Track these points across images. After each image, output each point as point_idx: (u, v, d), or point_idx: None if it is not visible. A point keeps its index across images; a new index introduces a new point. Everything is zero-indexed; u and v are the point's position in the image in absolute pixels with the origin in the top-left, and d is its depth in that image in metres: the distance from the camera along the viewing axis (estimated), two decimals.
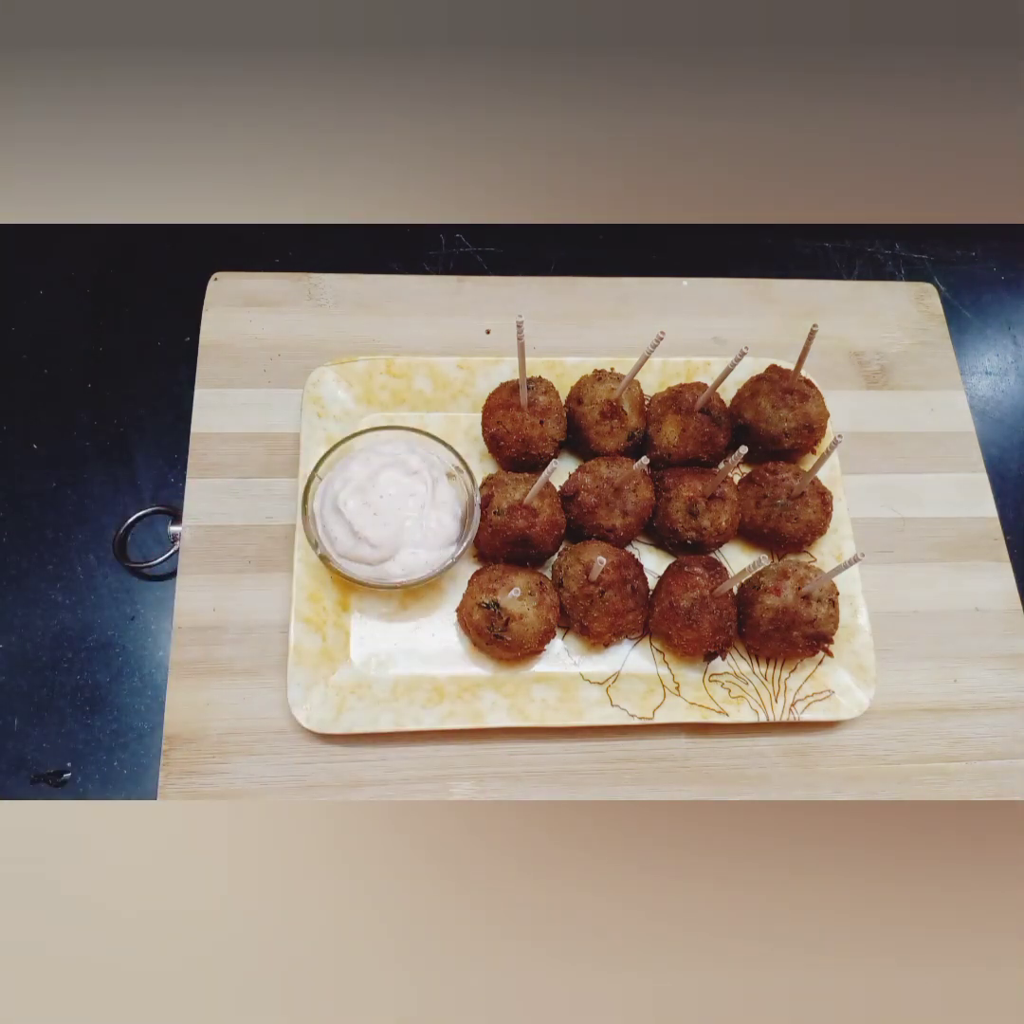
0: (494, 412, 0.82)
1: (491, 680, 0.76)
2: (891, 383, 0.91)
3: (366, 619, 0.78)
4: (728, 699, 0.77)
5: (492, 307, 0.91)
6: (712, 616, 0.74)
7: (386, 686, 0.75)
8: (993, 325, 1.00)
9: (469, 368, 0.87)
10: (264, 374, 0.86)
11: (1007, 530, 0.85)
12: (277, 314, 0.88)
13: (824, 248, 1.02)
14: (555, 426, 0.83)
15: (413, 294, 0.91)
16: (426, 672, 0.76)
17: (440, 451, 0.81)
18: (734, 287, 0.94)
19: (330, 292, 0.89)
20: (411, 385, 0.86)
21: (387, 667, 0.76)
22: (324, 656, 0.74)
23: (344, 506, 0.74)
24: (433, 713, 0.73)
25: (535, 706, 0.74)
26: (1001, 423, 0.95)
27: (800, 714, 0.76)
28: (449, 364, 0.87)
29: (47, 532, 0.81)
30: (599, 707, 0.75)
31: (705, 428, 0.82)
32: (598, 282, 0.93)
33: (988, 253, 1.04)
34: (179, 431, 0.82)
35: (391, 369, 0.86)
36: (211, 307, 0.86)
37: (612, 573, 0.74)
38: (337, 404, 0.85)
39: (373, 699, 0.73)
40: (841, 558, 0.83)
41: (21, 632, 0.77)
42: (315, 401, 0.83)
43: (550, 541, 0.78)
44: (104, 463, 0.84)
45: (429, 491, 0.77)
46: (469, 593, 0.76)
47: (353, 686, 0.74)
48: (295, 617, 0.74)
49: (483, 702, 0.74)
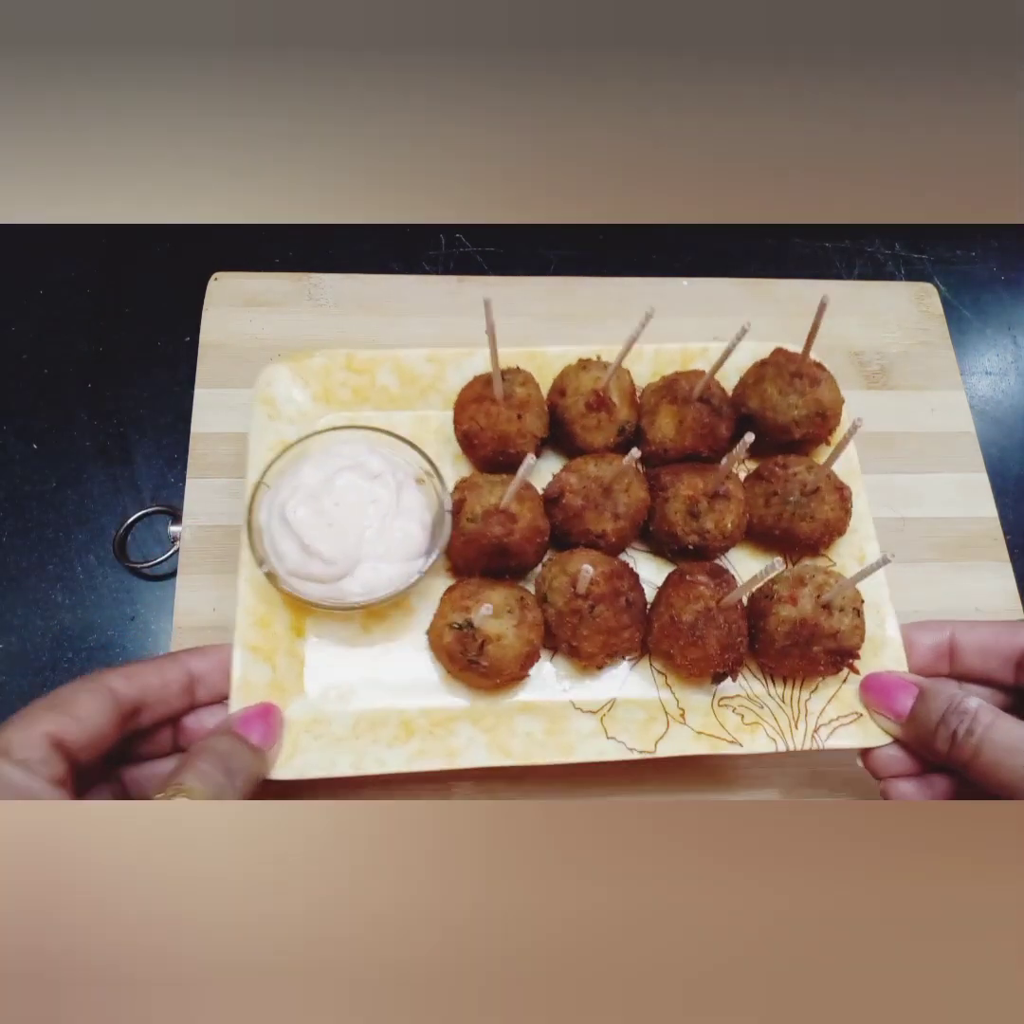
0: (466, 407, 0.74)
1: (468, 712, 0.67)
2: (891, 383, 0.91)
3: (323, 645, 0.70)
4: (741, 726, 0.68)
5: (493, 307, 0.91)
6: (719, 631, 0.65)
7: (346, 722, 0.66)
8: (993, 325, 1.00)
9: (439, 361, 0.79)
10: None
11: (1007, 530, 0.85)
12: (277, 314, 0.88)
13: (824, 248, 1.02)
14: (535, 421, 0.74)
15: (413, 294, 0.91)
16: (392, 705, 0.68)
17: (407, 453, 0.72)
18: (734, 287, 0.94)
19: (330, 292, 0.89)
20: (374, 381, 0.78)
21: (347, 700, 0.68)
22: (274, 689, 0.66)
23: (293, 515, 0.65)
24: (400, 753, 0.64)
25: (518, 741, 0.65)
26: (1001, 423, 0.95)
27: (825, 741, 0.67)
28: (417, 357, 0.79)
29: (47, 532, 0.81)
30: (593, 740, 0.66)
31: (704, 419, 0.74)
32: (598, 282, 0.93)
33: (988, 253, 1.04)
34: (179, 431, 0.82)
35: (352, 364, 0.78)
36: (211, 307, 0.87)
37: (603, 585, 0.65)
38: (292, 405, 0.76)
39: (331, 737, 0.65)
40: (864, 561, 0.74)
41: (21, 632, 0.77)
42: (267, 402, 0.75)
43: (531, 550, 0.69)
44: (104, 463, 0.85)
45: (393, 497, 0.68)
46: (440, 612, 0.67)
47: (308, 723, 0.66)
48: (239, 646, 0.65)
49: (458, 738, 0.65)
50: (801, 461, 0.75)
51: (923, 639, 0.69)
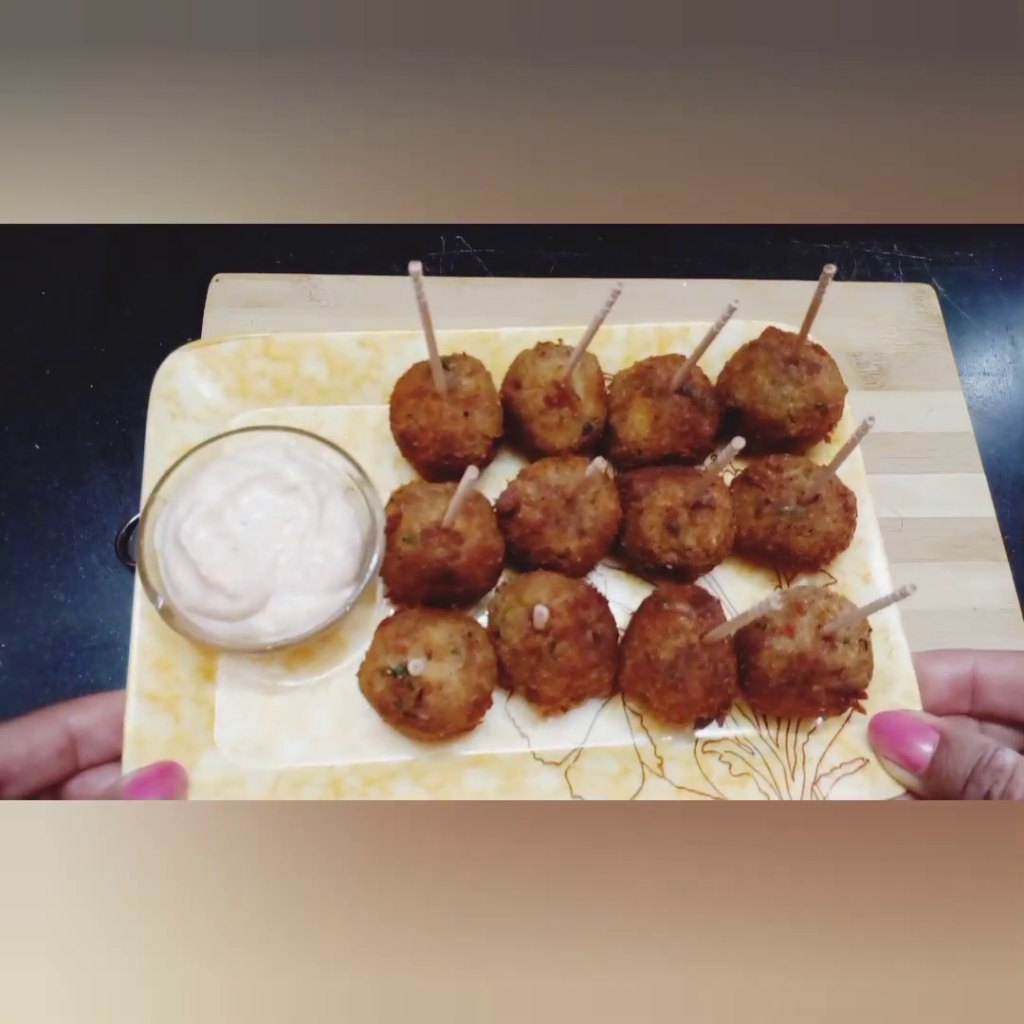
0: (403, 403, 0.62)
1: (409, 768, 0.57)
2: (889, 384, 0.91)
3: (237, 689, 0.59)
4: (729, 778, 0.58)
5: (493, 308, 0.91)
6: (703, 672, 0.55)
7: (264, 782, 0.56)
8: (991, 326, 1.00)
9: (374, 345, 0.67)
10: None
11: (1004, 530, 0.85)
12: (278, 315, 0.87)
13: (823, 249, 1.02)
14: (486, 418, 0.63)
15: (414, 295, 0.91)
16: (320, 762, 0.57)
17: (332, 457, 0.61)
18: (733, 288, 0.94)
19: (331, 293, 0.89)
20: (299, 370, 0.67)
21: (266, 755, 0.57)
22: (178, 744, 0.56)
23: (189, 540, 0.54)
24: None
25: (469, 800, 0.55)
26: (999, 423, 0.95)
27: (827, 793, 0.58)
28: (347, 341, 0.68)
29: (49, 532, 0.81)
30: (556, 797, 0.56)
31: (684, 414, 0.63)
32: (598, 283, 0.93)
33: (986, 254, 1.04)
34: None
35: (271, 351, 0.67)
36: (212, 308, 0.86)
37: (566, 617, 0.55)
38: (198, 400, 0.65)
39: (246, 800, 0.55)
40: (870, 578, 0.65)
41: (24, 632, 0.77)
42: (168, 397, 0.64)
43: (482, 574, 0.58)
44: (106, 463, 0.85)
45: (314, 514, 0.57)
46: (371, 654, 0.56)
47: (219, 784, 0.56)
48: (133, 694, 0.55)
49: (396, 798, 0.55)
50: (798, 463, 0.64)
51: (940, 671, 0.61)
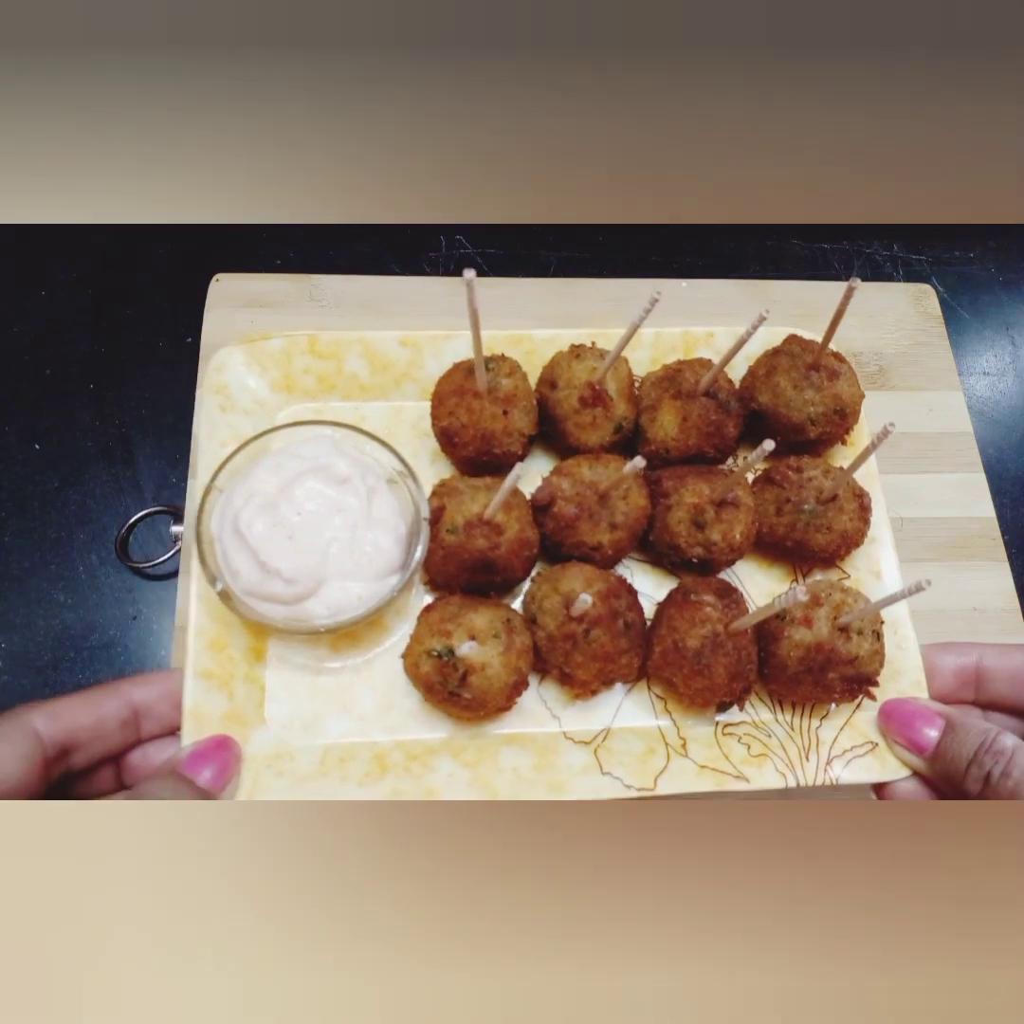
0: (445, 400, 0.65)
1: (448, 745, 0.61)
2: (889, 384, 0.91)
3: (287, 670, 0.63)
4: (748, 758, 0.62)
5: (493, 308, 0.91)
6: (728, 659, 0.59)
7: (312, 757, 0.60)
8: (991, 326, 1.00)
9: (415, 345, 0.71)
10: None
11: (1004, 530, 0.85)
12: (278, 315, 0.87)
13: (823, 249, 1.02)
14: (523, 417, 0.66)
15: (414, 295, 0.90)
16: (364, 738, 0.61)
17: (377, 451, 0.64)
18: (733, 288, 0.94)
19: (331, 293, 0.89)
20: (342, 368, 0.70)
21: (314, 732, 0.61)
22: (231, 720, 0.59)
23: (248, 529, 0.58)
24: (372, 793, 0.58)
25: (504, 777, 0.59)
26: (999, 423, 0.95)
27: (839, 774, 0.61)
28: (389, 340, 0.71)
29: (49, 532, 0.81)
30: (586, 776, 0.60)
31: (711, 416, 0.66)
32: (598, 283, 0.93)
33: (986, 254, 1.04)
34: (181, 431, 0.82)
35: (315, 348, 0.70)
36: (212, 308, 0.86)
37: (599, 606, 0.58)
38: (247, 394, 0.68)
39: (295, 775, 0.58)
40: (882, 575, 0.69)
41: (24, 631, 0.77)
42: (218, 391, 0.67)
43: (519, 565, 0.62)
44: (106, 463, 0.85)
45: (363, 504, 0.61)
46: (416, 637, 0.60)
47: (270, 758, 0.59)
48: (191, 673, 0.59)
49: (437, 774, 0.59)
50: (816, 464, 0.68)
51: (946, 662, 0.64)
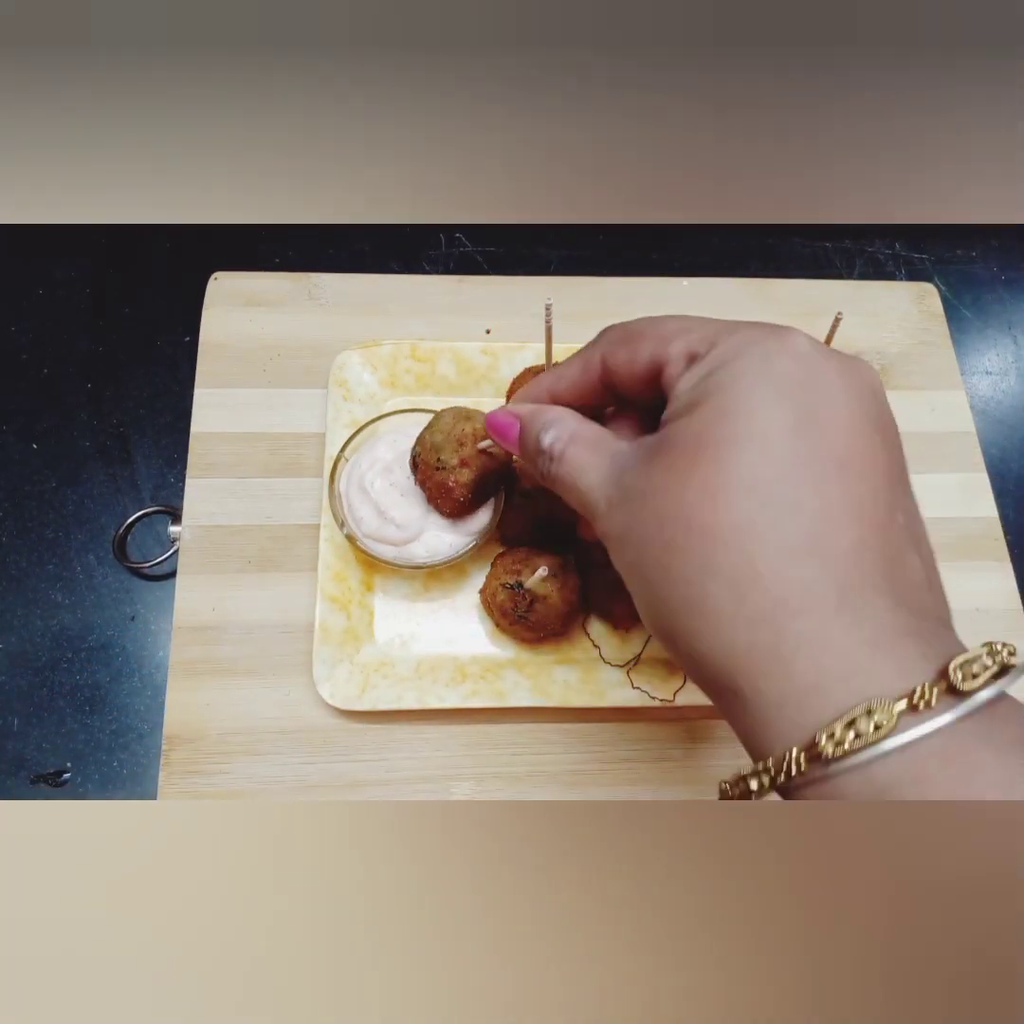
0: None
1: (513, 661, 0.77)
2: (891, 383, 0.92)
3: (389, 599, 0.79)
4: None
5: (492, 307, 0.91)
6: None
7: (409, 665, 0.76)
8: (994, 325, 1.01)
9: (492, 353, 0.88)
10: (264, 374, 0.85)
11: (1007, 530, 0.86)
12: (277, 314, 0.88)
13: (824, 248, 1.02)
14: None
15: (413, 294, 0.91)
16: (448, 652, 0.77)
17: None
18: (734, 287, 0.95)
19: (330, 292, 0.90)
20: (435, 370, 0.86)
21: (410, 647, 0.77)
22: (349, 635, 0.75)
23: (371, 487, 0.76)
24: (456, 692, 0.74)
25: (557, 687, 0.75)
26: (1002, 423, 0.95)
27: None
28: (473, 349, 0.87)
29: (46, 532, 0.81)
30: (620, 689, 0.76)
31: None
32: (598, 282, 0.94)
33: (989, 253, 1.04)
34: (179, 431, 0.82)
35: (416, 353, 0.86)
36: (211, 307, 0.86)
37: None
38: (362, 387, 0.85)
39: (397, 677, 0.74)
40: None
41: (20, 632, 0.77)
42: (341, 384, 0.85)
43: (575, 521, 0.79)
44: (104, 463, 0.84)
45: None
46: (493, 574, 0.76)
47: (377, 664, 0.75)
48: (321, 596, 0.74)
49: (505, 682, 0.76)
50: None
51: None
